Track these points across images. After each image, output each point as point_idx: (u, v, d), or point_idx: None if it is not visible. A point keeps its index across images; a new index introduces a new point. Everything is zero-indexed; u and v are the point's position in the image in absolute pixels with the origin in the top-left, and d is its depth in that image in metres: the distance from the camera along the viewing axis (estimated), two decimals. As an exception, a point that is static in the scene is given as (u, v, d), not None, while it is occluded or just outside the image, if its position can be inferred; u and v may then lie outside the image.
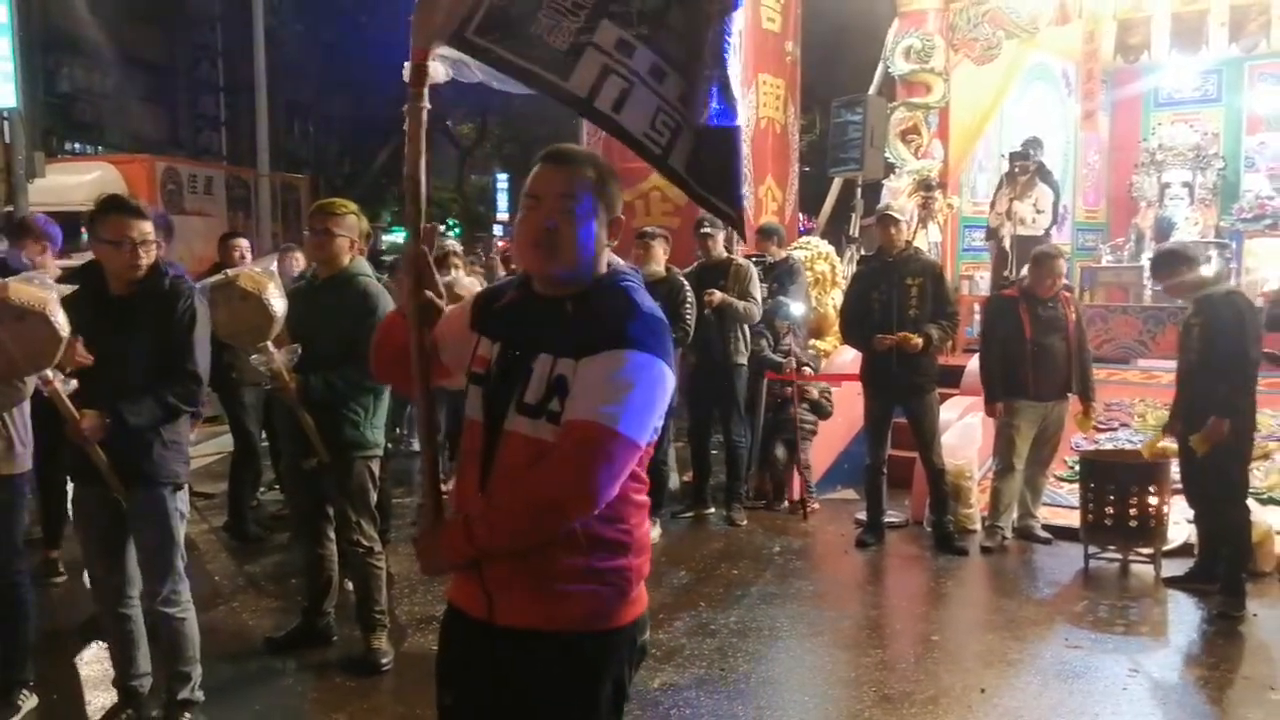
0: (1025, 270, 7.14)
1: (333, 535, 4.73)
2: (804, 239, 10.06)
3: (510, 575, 2.09)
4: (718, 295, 6.85)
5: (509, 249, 8.16)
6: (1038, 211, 9.67)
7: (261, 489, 7.29)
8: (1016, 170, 9.70)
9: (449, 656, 2.29)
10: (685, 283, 6.60)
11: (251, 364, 4.42)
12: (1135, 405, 8.18)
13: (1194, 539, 5.92)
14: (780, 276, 7.79)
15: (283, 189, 17.35)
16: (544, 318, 2.11)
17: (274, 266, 4.68)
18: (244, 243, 6.81)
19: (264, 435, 6.82)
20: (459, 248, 8.42)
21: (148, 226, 3.66)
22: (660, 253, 6.64)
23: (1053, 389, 6.52)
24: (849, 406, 7.72)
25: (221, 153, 18.90)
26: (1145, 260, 11.17)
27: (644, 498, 2.23)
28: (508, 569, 2.09)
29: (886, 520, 6.82)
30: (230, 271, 4.60)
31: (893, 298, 6.53)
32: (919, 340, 6.39)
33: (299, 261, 7.05)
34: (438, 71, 2.26)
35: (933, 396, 6.66)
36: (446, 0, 2.22)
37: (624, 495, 2.11)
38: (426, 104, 2.26)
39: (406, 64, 2.27)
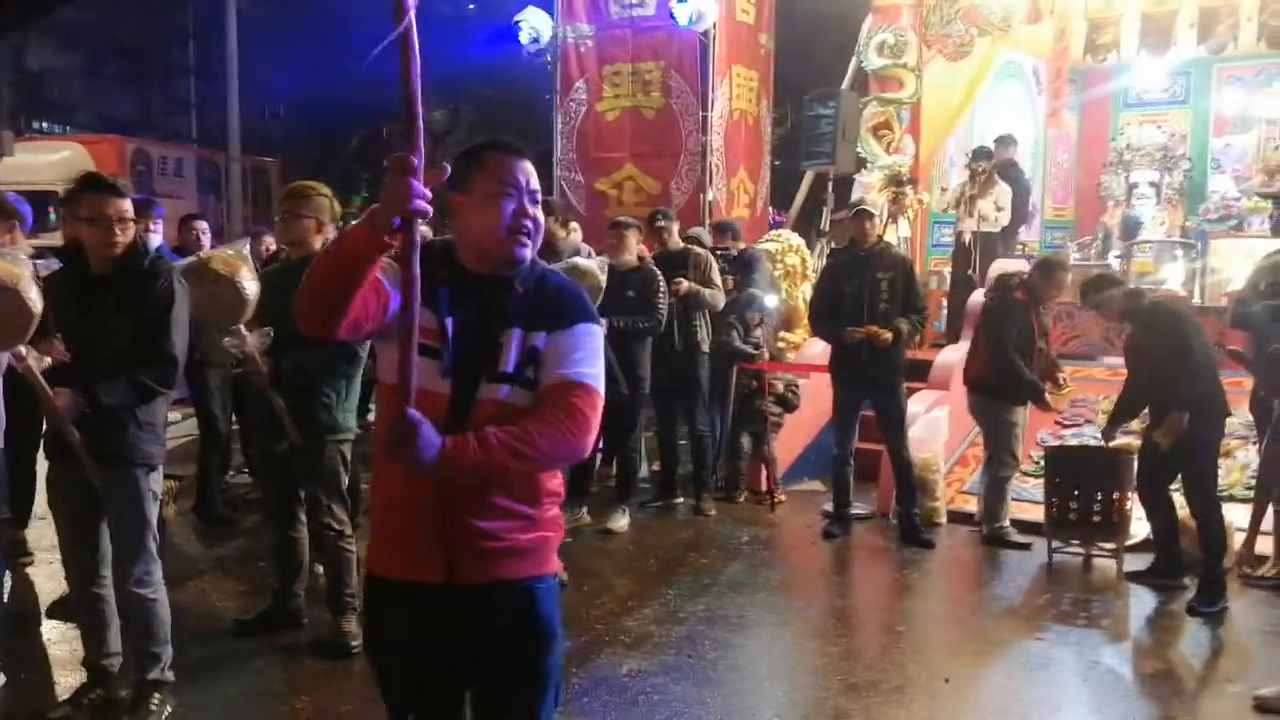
0: (1005, 266, 7.21)
1: (304, 518, 4.73)
2: (775, 232, 10.10)
3: (470, 535, 2.23)
4: (685, 284, 6.89)
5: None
6: (998, 209, 9.76)
7: (230, 472, 7.27)
8: (975, 168, 9.81)
9: (393, 628, 2.35)
10: (658, 272, 6.63)
11: (223, 346, 4.41)
12: (1100, 402, 8.27)
13: (1154, 535, 6.02)
14: (742, 268, 7.84)
15: (253, 173, 17.23)
16: (501, 296, 2.27)
17: (246, 249, 4.65)
18: (203, 224, 6.79)
19: (232, 418, 6.80)
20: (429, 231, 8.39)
21: (125, 205, 3.65)
22: (633, 242, 6.67)
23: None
24: (817, 399, 7.78)
25: (191, 135, 18.72)
26: (1112, 258, 11.34)
27: None
28: (469, 529, 2.22)
29: (853, 512, 6.88)
30: (203, 254, 4.59)
31: (863, 291, 6.58)
32: (889, 334, 6.45)
33: (269, 244, 7.03)
34: None
35: (901, 389, 6.73)
36: None
37: None
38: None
39: None
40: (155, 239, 5.83)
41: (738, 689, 4.39)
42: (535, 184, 2.32)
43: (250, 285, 4.26)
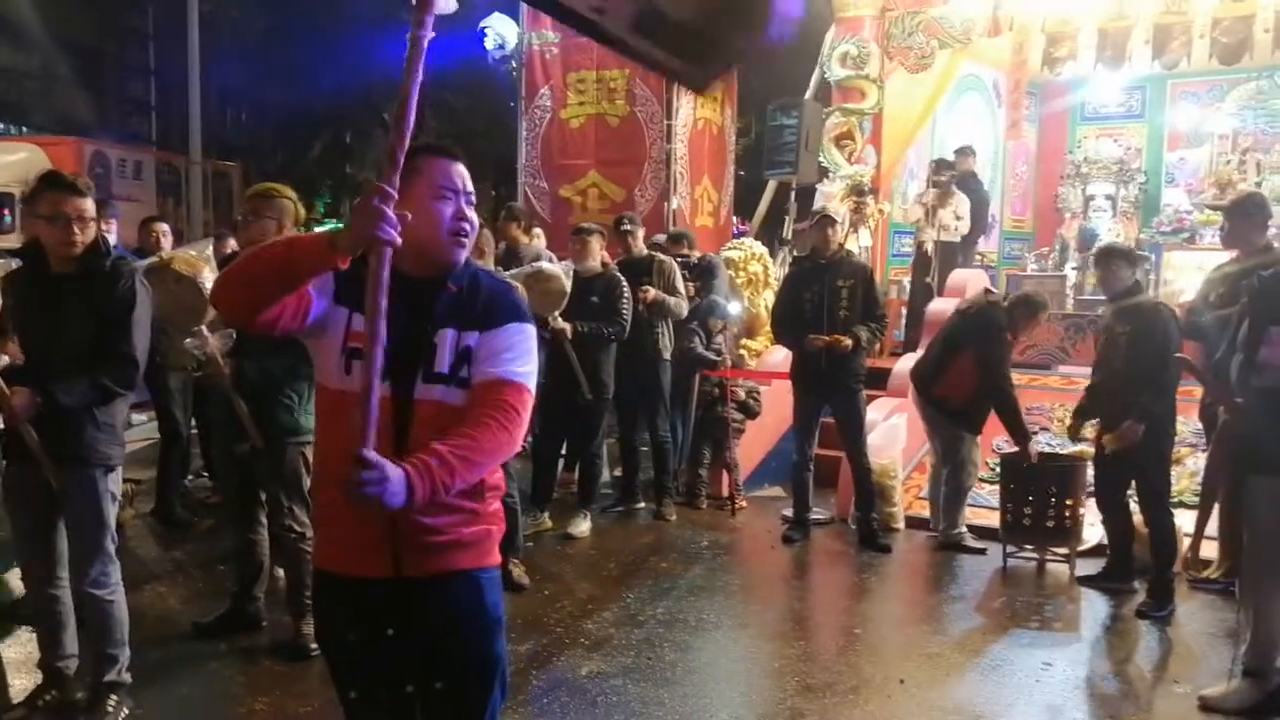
0: (966, 276, 7.26)
1: (264, 521, 4.73)
2: (738, 240, 10.18)
3: (417, 531, 2.27)
4: (652, 292, 6.95)
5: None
6: (957, 219, 9.90)
7: (190, 476, 7.23)
8: (936, 179, 9.95)
9: (343, 624, 2.38)
10: (622, 278, 6.67)
11: (184, 348, 4.41)
12: (1055, 410, 8.39)
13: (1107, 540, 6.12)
14: (702, 274, 7.90)
15: (215, 177, 17.10)
16: (434, 297, 2.32)
17: (209, 250, 4.64)
18: (163, 226, 6.75)
19: (192, 422, 6.76)
20: None
21: (85, 204, 3.64)
22: (597, 248, 6.70)
23: None
24: (778, 406, 7.85)
25: (151, 138, 18.54)
26: (1069, 270, 11.49)
27: None
28: (416, 526, 2.26)
29: (812, 517, 6.94)
30: (165, 254, 4.58)
31: (824, 299, 6.64)
32: (849, 341, 6.52)
33: (231, 247, 6.98)
34: (446, 3, 2.22)
35: (860, 396, 6.80)
36: None
37: None
38: (429, 32, 2.19)
39: None
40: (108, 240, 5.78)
41: (696, 690, 4.42)
42: (470, 185, 2.37)
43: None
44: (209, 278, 4.29)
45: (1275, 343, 3.93)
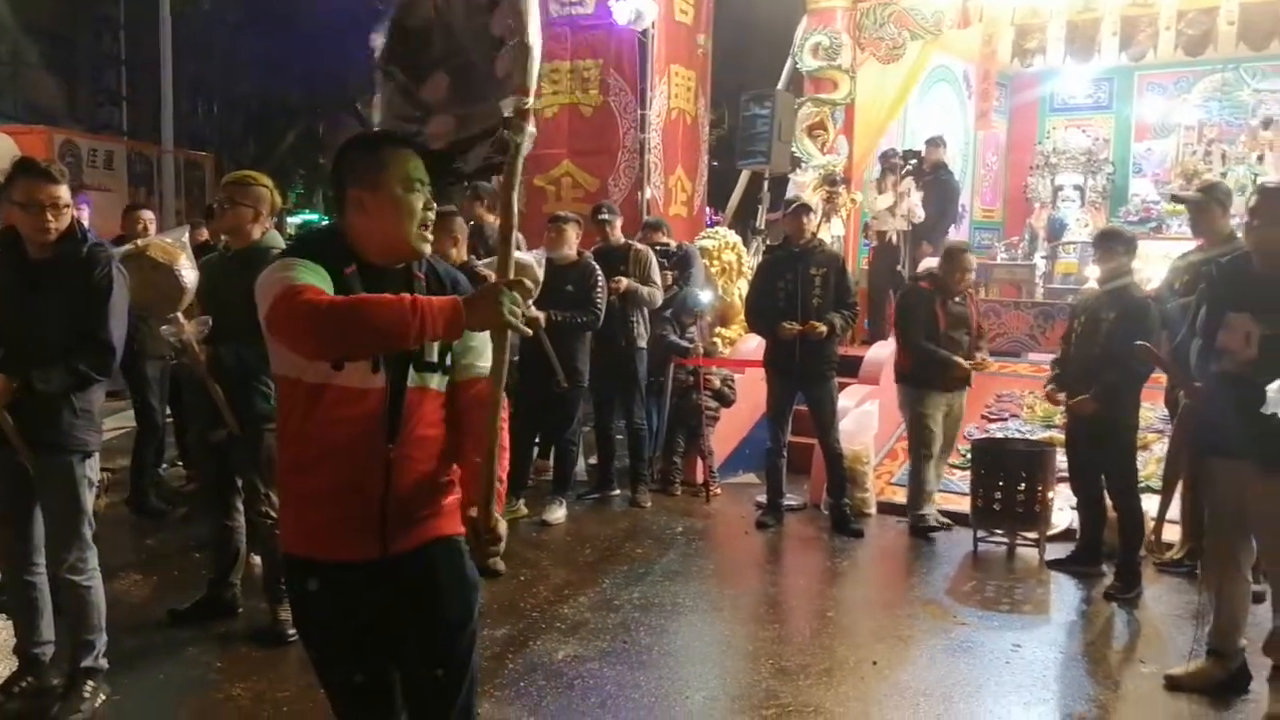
0: (934, 264, 7.34)
1: (241, 507, 4.74)
2: (711, 230, 10.21)
3: (405, 510, 2.36)
4: (624, 281, 6.98)
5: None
6: (915, 209, 10.06)
7: (164, 464, 7.21)
8: (905, 165, 10.07)
9: (325, 608, 2.41)
10: (597, 267, 6.71)
11: (160, 335, 4.41)
12: (1025, 397, 8.51)
13: (1076, 524, 6.21)
14: (679, 263, 7.94)
15: (187, 166, 16.96)
16: (407, 287, 2.35)
17: (185, 237, 4.64)
18: (148, 214, 6.72)
19: (167, 410, 6.75)
20: None
21: (59, 191, 3.64)
22: (572, 236, 6.73)
23: (958, 380, 6.76)
24: (751, 393, 7.90)
25: (122, 127, 18.34)
26: (1039, 259, 11.62)
27: None
28: (404, 505, 2.34)
29: (785, 503, 7.02)
30: (140, 241, 4.57)
31: (798, 287, 6.71)
32: (823, 328, 6.59)
33: (204, 236, 6.98)
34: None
35: (832, 383, 6.87)
36: None
37: None
38: (529, 140, 2.38)
39: (513, 98, 2.36)
40: None
41: (671, 673, 4.47)
42: (428, 176, 2.41)
43: (188, 273, 4.27)
44: (185, 265, 4.30)
45: (1233, 328, 4.01)
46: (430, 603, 2.41)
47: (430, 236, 2.38)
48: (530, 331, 2.20)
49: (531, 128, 2.36)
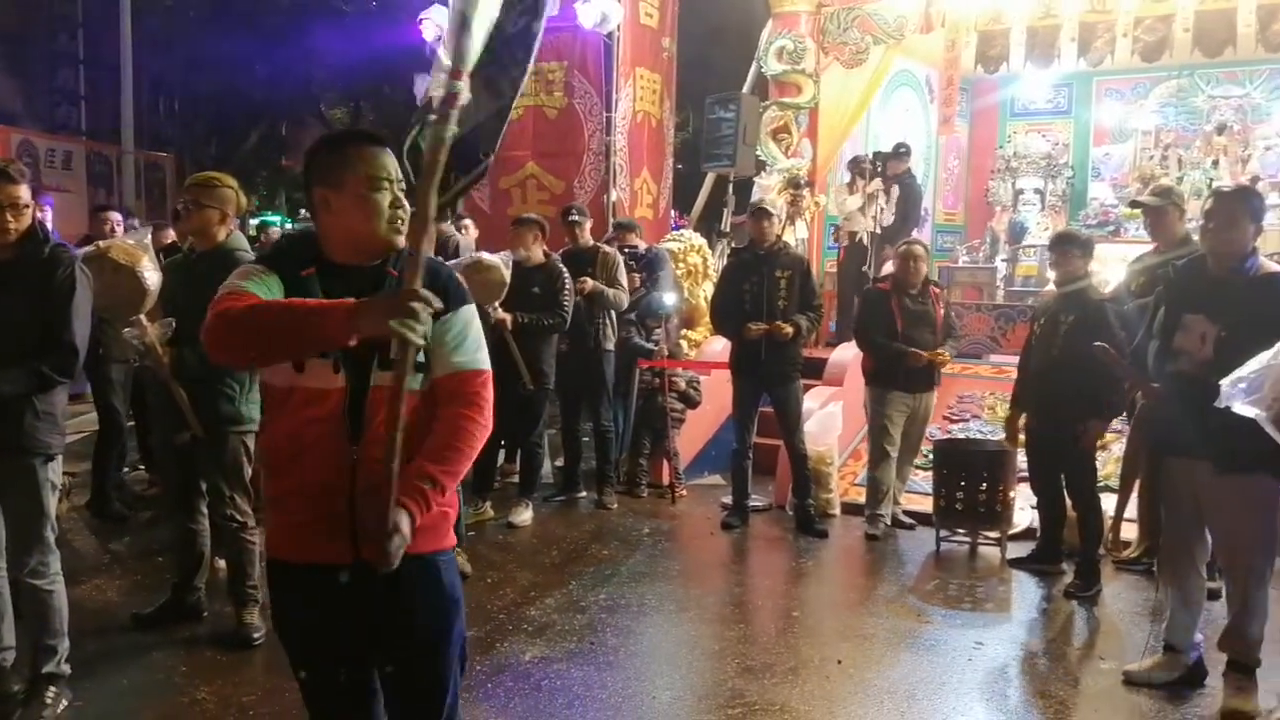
0: (891, 265, 7.42)
1: (205, 510, 4.72)
2: (677, 232, 10.25)
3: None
4: (590, 283, 7.00)
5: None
6: (881, 210, 10.16)
7: (125, 468, 7.15)
8: (875, 170, 10.16)
9: (302, 611, 2.41)
10: (564, 269, 6.72)
11: (123, 337, 4.38)
12: (986, 398, 8.61)
13: (1037, 524, 6.28)
14: (648, 265, 7.97)
15: (147, 167, 16.82)
16: (378, 284, 2.33)
17: (148, 239, 4.62)
18: (116, 215, 6.67)
19: (129, 413, 6.69)
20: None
21: (18, 191, 3.61)
22: (531, 239, 6.68)
23: (921, 380, 6.79)
24: (717, 395, 7.94)
25: (81, 127, 18.13)
26: (1000, 261, 11.75)
27: None
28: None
29: (751, 504, 7.06)
30: (102, 243, 4.53)
31: (763, 289, 6.75)
32: (789, 329, 6.63)
33: (170, 238, 6.94)
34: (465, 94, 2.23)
35: (797, 384, 6.91)
36: None
37: None
38: (454, 126, 2.21)
39: (442, 78, 2.21)
40: None
41: (637, 673, 4.49)
42: (399, 172, 2.38)
43: (151, 275, 4.24)
44: (148, 267, 4.27)
45: (1189, 329, 4.08)
46: (403, 622, 2.38)
47: (403, 230, 2.32)
48: (421, 342, 2.07)
49: (454, 126, 2.20)
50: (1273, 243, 9.76)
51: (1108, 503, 6.03)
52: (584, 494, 7.44)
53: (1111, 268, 9.56)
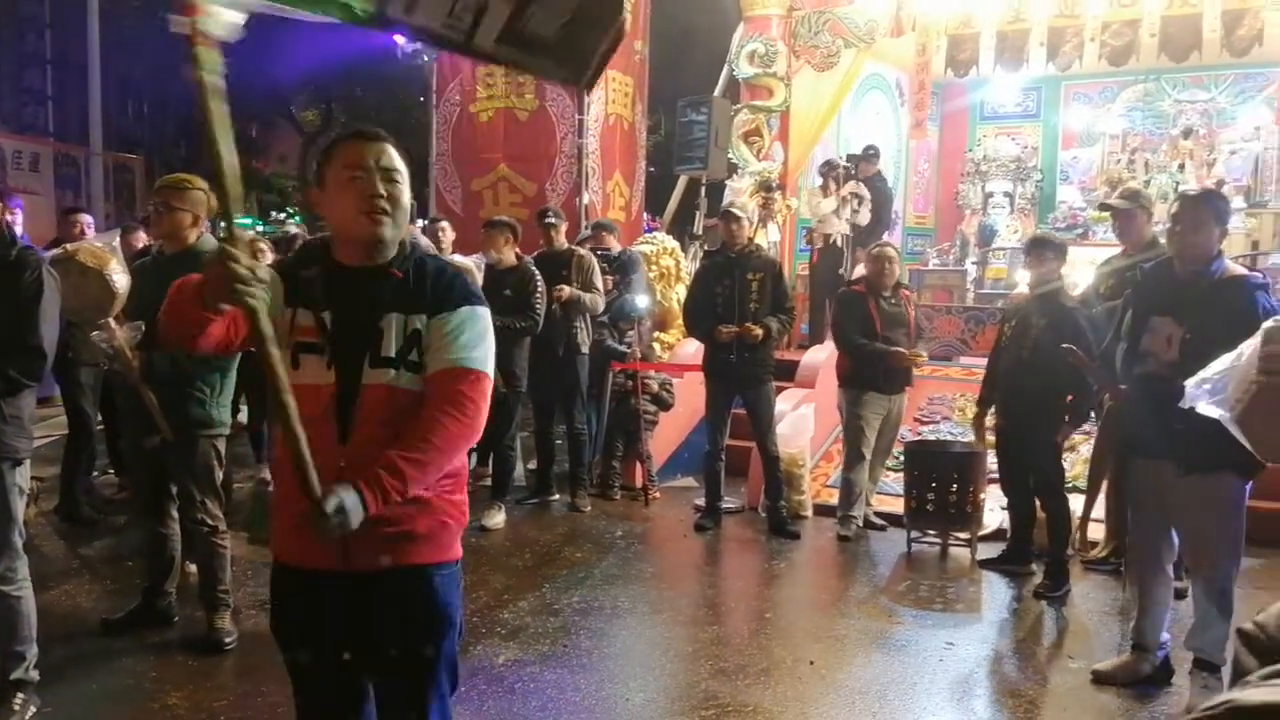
0: (864, 268, 7.46)
1: (176, 515, 4.68)
2: (649, 235, 10.27)
3: (365, 522, 2.19)
4: (567, 290, 6.99)
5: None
6: (854, 212, 10.23)
7: (95, 472, 7.09)
8: (851, 172, 10.23)
9: (296, 615, 2.39)
10: (536, 272, 6.72)
11: (92, 341, 4.35)
12: (956, 400, 8.68)
13: (1007, 525, 6.34)
14: (622, 268, 7.98)
15: (116, 169, 16.67)
16: (378, 284, 2.30)
17: (116, 242, 4.59)
18: (86, 218, 6.62)
19: (98, 417, 6.64)
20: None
21: (-19, 195, 3.58)
22: (501, 241, 6.69)
23: (897, 382, 6.86)
24: (690, 397, 7.96)
25: (48, 129, 17.97)
26: (969, 264, 11.84)
27: None
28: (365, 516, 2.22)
29: (723, 506, 7.08)
30: (70, 246, 4.51)
31: (734, 292, 6.77)
32: (758, 331, 6.66)
33: (143, 241, 6.89)
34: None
35: (770, 387, 6.94)
36: None
37: None
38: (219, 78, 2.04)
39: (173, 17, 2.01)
40: None
41: (611, 675, 4.50)
42: (389, 163, 2.31)
43: (120, 278, 4.22)
44: (116, 270, 4.25)
45: (1156, 331, 4.13)
46: (389, 636, 2.33)
47: (383, 219, 2.27)
48: (258, 306, 2.02)
49: (210, 70, 1.98)
50: (1238, 246, 9.89)
51: (1076, 503, 6.09)
52: (557, 497, 7.43)
53: (1080, 270, 9.64)
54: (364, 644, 2.35)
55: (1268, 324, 2.42)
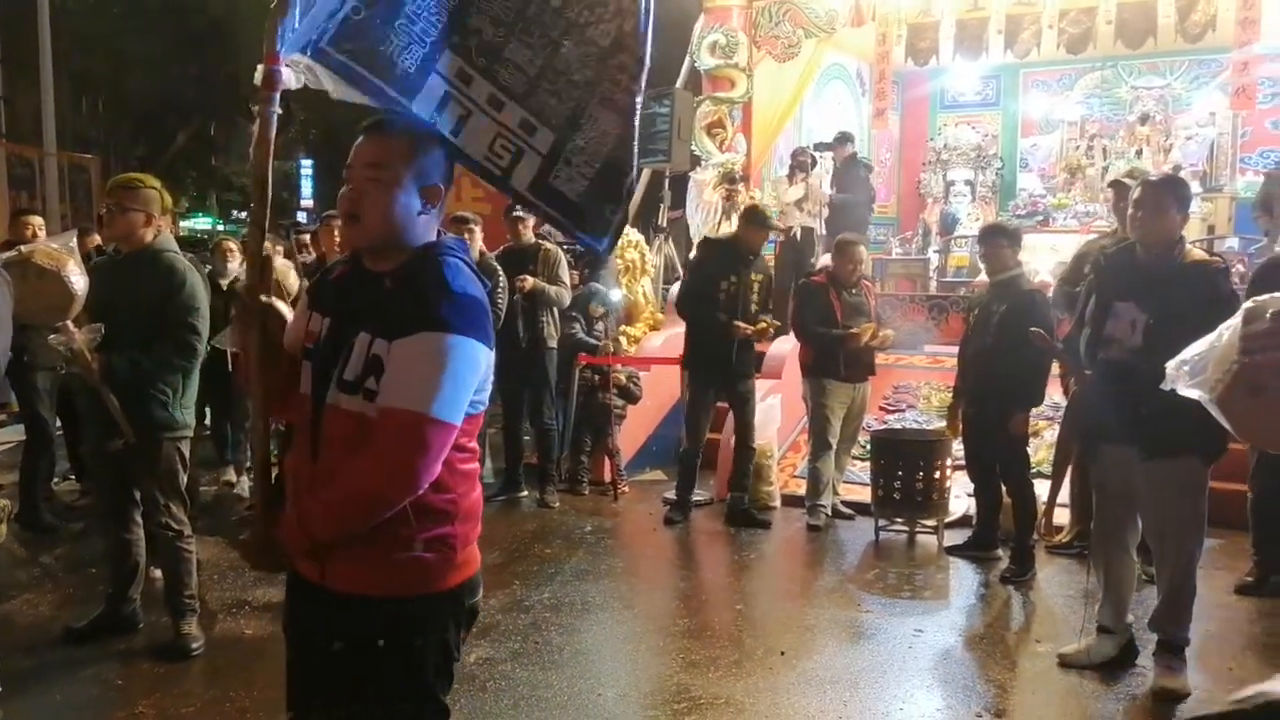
0: (828, 260, 7.48)
1: (140, 519, 4.61)
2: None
3: (339, 545, 2.13)
4: (530, 281, 6.97)
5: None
6: (821, 205, 10.28)
7: (55, 479, 6.99)
8: (799, 165, 10.28)
9: (291, 612, 2.36)
10: (498, 267, 6.69)
11: (49, 344, 4.27)
12: (921, 388, 8.73)
13: (973, 511, 6.39)
14: (590, 262, 7.96)
15: (71, 169, 16.43)
16: (365, 293, 2.14)
17: (73, 243, 4.51)
18: (38, 220, 6.52)
19: (57, 422, 6.55)
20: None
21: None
22: (472, 237, 6.68)
23: (860, 371, 6.90)
24: (657, 390, 7.96)
25: (1, 129, 17.71)
26: (932, 253, 11.90)
27: (472, 466, 2.31)
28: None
29: (693, 498, 7.08)
30: (25, 247, 4.43)
31: (739, 290, 6.77)
32: (773, 329, 6.80)
33: (96, 242, 6.80)
34: (289, 78, 2.18)
35: (753, 382, 7.01)
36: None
37: (449, 466, 2.16)
38: (277, 108, 2.18)
39: (259, 67, 2.18)
40: None
41: (583, 671, 4.49)
42: (372, 158, 2.15)
43: (78, 280, 4.16)
44: (74, 271, 4.18)
45: (1120, 316, 4.17)
46: (356, 666, 2.17)
47: (349, 222, 2.17)
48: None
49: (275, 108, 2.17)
50: (1194, 230, 10.00)
51: (1041, 489, 6.14)
52: (525, 493, 7.41)
53: (1040, 257, 9.76)
54: (340, 661, 2.19)
55: (1248, 304, 2.43)
